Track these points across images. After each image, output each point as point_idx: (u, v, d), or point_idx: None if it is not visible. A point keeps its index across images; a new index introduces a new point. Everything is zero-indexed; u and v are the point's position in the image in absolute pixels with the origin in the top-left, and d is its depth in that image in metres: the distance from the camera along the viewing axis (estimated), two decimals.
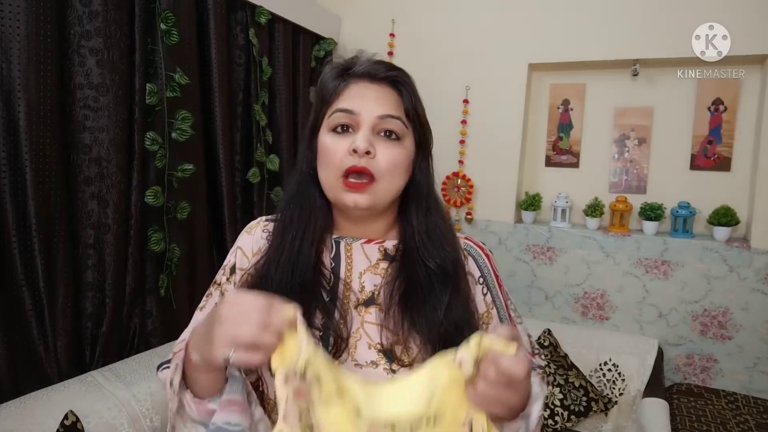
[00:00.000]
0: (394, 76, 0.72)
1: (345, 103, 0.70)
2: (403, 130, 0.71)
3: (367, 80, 0.71)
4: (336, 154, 0.69)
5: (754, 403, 1.92)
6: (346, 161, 0.68)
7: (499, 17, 2.33)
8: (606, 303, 2.25)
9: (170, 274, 1.75)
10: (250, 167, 2.10)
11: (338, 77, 0.72)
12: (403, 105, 0.72)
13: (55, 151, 1.35)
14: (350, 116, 0.69)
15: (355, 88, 0.71)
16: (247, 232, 0.80)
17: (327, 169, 0.70)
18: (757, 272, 1.98)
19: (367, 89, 0.71)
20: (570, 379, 1.97)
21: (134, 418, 1.36)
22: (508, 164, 2.38)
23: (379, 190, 0.69)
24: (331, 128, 0.70)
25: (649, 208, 2.15)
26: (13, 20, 1.24)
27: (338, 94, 0.71)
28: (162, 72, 1.63)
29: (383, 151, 0.69)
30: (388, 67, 0.72)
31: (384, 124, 0.69)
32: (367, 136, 0.68)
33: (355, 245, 0.75)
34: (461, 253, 0.77)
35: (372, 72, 0.71)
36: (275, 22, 2.16)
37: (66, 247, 1.41)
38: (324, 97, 0.73)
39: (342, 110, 0.69)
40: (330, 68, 0.74)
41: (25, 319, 1.33)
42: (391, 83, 0.72)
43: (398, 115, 0.70)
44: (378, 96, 0.70)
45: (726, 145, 2.12)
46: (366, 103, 0.69)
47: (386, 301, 0.71)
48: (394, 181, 0.71)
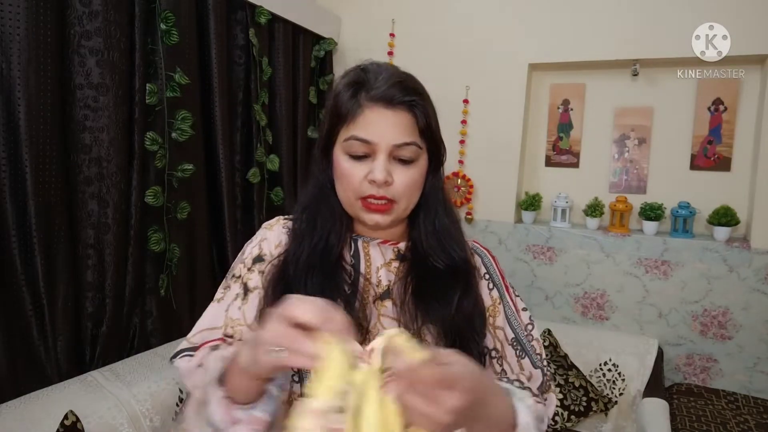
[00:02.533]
0: (410, 102, 0.72)
1: (361, 131, 0.70)
2: (417, 152, 0.72)
3: (383, 105, 0.71)
4: (353, 179, 0.71)
5: (754, 403, 1.92)
6: (365, 188, 0.70)
7: (499, 17, 2.33)
8: (606, 303, 2.25)
9: (170, 274, 1.75)
10: (250, 167, 2.10)
11: (353, 97, 0.72)
12: (417, 126, 0.73)
13: (55, 151, 1.35)
14: (367, 145, 0.70)
15: (371, 115, 0.70)
16: (267, 228, 0.82)
17: (345, 191, 0.73)
18: (757, 272, 1.98)
19: (383, 116, 0.70)
20: (570, 379, 1.97)
21: (134, 418, 1.36)
22: (508, 164, 2.38)
23: (398, 209, 0.73)
24: (346, 152, 0.72)
25: (649, 208, 2.15)
26: (13, 20, 1.25)
27: (354, 118, 0.71)
28: (162, 72, 1.63)
29: (400, 176, 0.71)
30: (404, 91, 0.71)
31: (400, 151, 0.71)
32: (384, 165, 0.69)
33: (372, 243, 0.78)
34: (469, 252, 0.80)
35: (388, 97, 0.70)
36: (275, 22, 2.16)
37: (66, 247, 1.41)
38: (340, 114, 0.72)
39: (358, 139, 0.70)
40: (345, 85, 0.73)
41: (25, 319, 1.33)
42: (408, 107, 0.72)
43: (413, 141, 0.71)
44: (395, 123, 0.70)
45: (726, 145, 2.12)
46: (382, 132, 0.70)
47: (400, 295, 0.74)
48: (412, 199, 0.74)
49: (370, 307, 0.74)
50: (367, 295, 0.75)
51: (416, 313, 0.72)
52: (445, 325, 0.71)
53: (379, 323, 0.73)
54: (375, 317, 0.74)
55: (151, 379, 1.47)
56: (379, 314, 0.74)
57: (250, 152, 2.10)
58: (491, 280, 0.81)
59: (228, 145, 1.94)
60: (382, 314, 0.74)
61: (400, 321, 0.73)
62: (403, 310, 0.73)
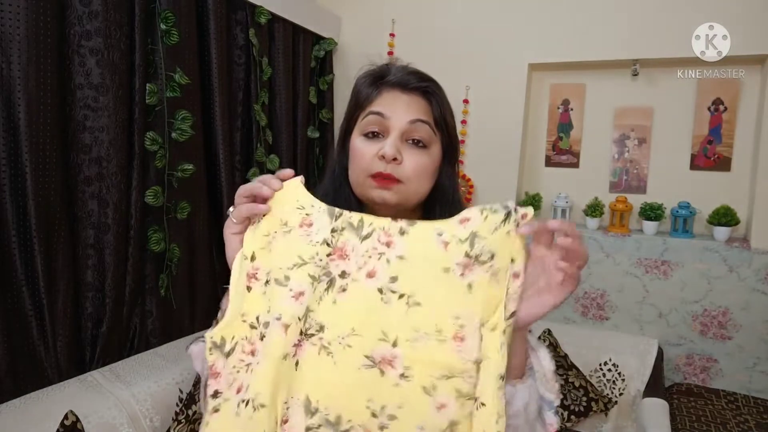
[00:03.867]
0: (425, 87, 0.76)
1: (377, 107, 0.73)
2: (431, 136, 0.74)
3: (399, 89, 0.74)
4: (364, 157, 0.72)
5: (754, 403, 1.92)
6: (374, 165, 0.71)
7: (499, 17, 2.33)
8: (606, 303, 2.25)
9: (170, 274, 1.75)
10: (250, 167, 2.10)
11: (372, 84, 0.76)
12: (432, 113, 0.75)
13: (55, 151, 1.35)
14: (381, 120, 0.72)
15: (388, 96, 0.74)
16: None
17: (356, 170, 0.74)
18: (757, 272, 1.98)
19: (399, 98, 0.74)
20: (570, 379, 1.97)
21: (134, 418, 1.36)
22: (508, 164, 2.38)
23: (406, 191, 0.73)
24: (362, 132, 0.74)
25: (649, 208, 2.15)
26: (13, 20, 1.24)
27: (371, 101, 0.75)
28: (162, 72, 1.63)
29: (410, 158, 0.72)
30: (420, 78, 0.76)
31: (413, 130, 0.72)
32: (396, 143, 0.71)
33: None
34: None
35: (404, 82, 0.75)
36: (275, 22, 2.16)
37: (66, 247, 1.41)
38: (358, 101, 0.77)
39: (374, 113, 0.73)
40: (364, 75, 0.78)
41: (25, 319, 1.33)
42: (423, 93, 0.75)
43: (427, 120, 0.74)
44: (409, 103, 0.74)
45: (726, 145, 2.12)
46: (397, 109, 0.73)
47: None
48: (422, 185, 0.74)
49: None
50: None
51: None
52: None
53: None
54: None
55: (151, 379, 1.47)
56: None
57: (250, 152, 2.10)
58: None
59: (228, 145, 1.94)
60: None
61: None
62: None
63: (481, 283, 0.60)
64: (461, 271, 0.60)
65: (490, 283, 0.60)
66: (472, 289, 0.59)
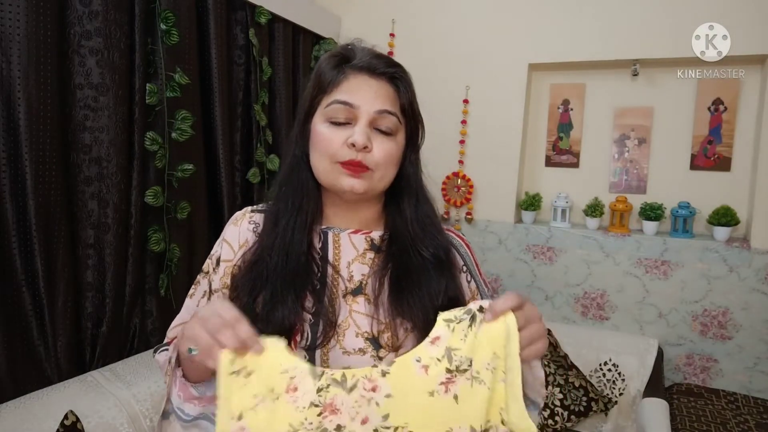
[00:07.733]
0: (392, 73, 0.73)
1: (344, 95, 0.71)
2: (397, 125, 0.73)
3: (367, 74, 0.72)
4: (332, 144, 0.70)
5: (754, 403, 1.92)
6: (343, 153, 0.69)
7: (499, 17, 2.33)
8: (606, 303, 2.25)
9: (170, 274, 1.75)
10: (250, 167, 2.10)
11: (336, 67, 0.73)
12: (399, 100, 0.74)
13: (55, 151, 1.35)
14: (349, 109, 0.70)
15: (354, 81, 0.71)
16: (233, 224, 0.80)
17: (321, 157, 0.71)
18: (757, 272, 1.98)
19: (366, 83, 0.71)
20: (570, 379, 1.97)
21: (134, 418, 1.36)
22: (508, 164, 2.38)
23: (374, 179, 0.72)
24: (327, 118, 0.71)
25: (649, 208, 2.15)
26: (13, 20, 1.25)
27: (337, 85, 0.72)
28: (162, 72, 1.63)
29: (378, 146, 0.71)
30: (387, 63, 0.74)
31: (381, 120, 0.71)
32: (365, 131, 0.69)
33: (343, 235, 0.76)
34: (449, 241, 0.80)
35: (372, 66, 0.72)
36: (275, 22, 2.16)
37: (66, 247, 1.41)
38: (321, 85, 0.73)
39: (341, 102, 0.70)
40: (328, 57, 0.74)
41: (25, 319, 1.33)
42: (390, 79, 0.73)
43: (394, 111, 0.72)
44: (376, 91, 0.71)
45: (726, 145, 2.12)
46: (365, 97, 0.70)
47: (374, 290, 0.72)
48: (388, 172, 0.73)
49: (340, 302, 0.72)
50: (336, 289, 0.72)
51: (392, 309, 0.71)
52: (427, 317, 0.68)
53: (350, 318, 0.71)
54: (346, 312, 0.71)
55: (151, 379, 1.47)
56: (350, 309, 0.72)
57: (250, 152, 2.10)
58: (469, 272, 0.80)
59: (228, 145, 1.94)
60: (354, 310, 0.72)
61: (373, 317, 0.71)
62: (378, 306, 0.71)
63: (465, 391, 0.62)
64: (444, 388, 0.63)
65: (473, 388, 0.62)
66: (459, 400, 0.62)
